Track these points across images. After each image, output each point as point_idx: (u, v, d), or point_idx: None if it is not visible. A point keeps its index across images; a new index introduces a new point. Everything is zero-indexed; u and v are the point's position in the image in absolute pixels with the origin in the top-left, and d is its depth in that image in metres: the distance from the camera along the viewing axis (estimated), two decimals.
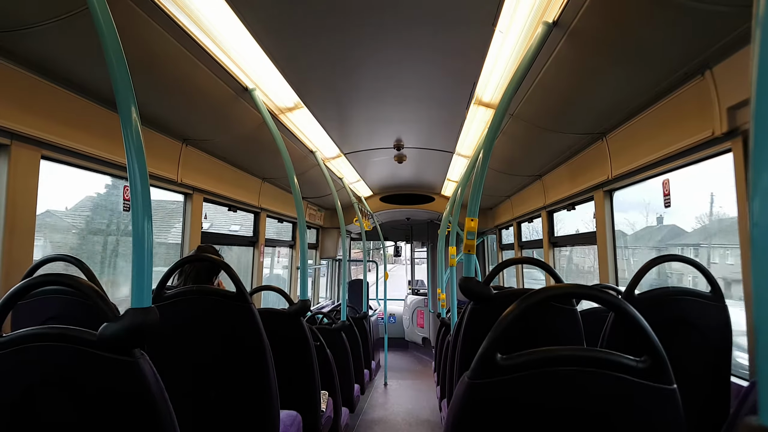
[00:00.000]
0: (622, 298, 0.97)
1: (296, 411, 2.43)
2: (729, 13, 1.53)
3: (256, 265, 4.51)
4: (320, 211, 6.60)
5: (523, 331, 1.65)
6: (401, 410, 5.36)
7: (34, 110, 1.94)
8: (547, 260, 4.35)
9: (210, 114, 2.68)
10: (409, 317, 9.44)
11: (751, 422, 0.41)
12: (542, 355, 0.94)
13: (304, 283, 2.80)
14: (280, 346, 2.24)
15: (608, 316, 1.87)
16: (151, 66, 2.00)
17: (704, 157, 2.15)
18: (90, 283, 1.10)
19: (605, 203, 3.13)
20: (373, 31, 2.08)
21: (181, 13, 1.76)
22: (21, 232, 1.92)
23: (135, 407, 1.04)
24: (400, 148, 4.28)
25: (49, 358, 1.03)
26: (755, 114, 0.41)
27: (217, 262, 2.02)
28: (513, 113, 2.81)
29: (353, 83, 2.73)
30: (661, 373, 0.91)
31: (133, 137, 1.14)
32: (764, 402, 0.41)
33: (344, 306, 4.48)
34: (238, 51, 2.12)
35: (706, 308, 1.85)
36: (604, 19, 1.68)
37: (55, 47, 1.78)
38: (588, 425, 0.92)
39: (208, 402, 1.88)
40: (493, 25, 1.94)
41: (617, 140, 2.79)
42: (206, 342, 1.88)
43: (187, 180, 3.08)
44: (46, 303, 1.82)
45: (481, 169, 2.02)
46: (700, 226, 3.07)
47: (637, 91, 2.24)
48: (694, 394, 1.72)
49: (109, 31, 1.17)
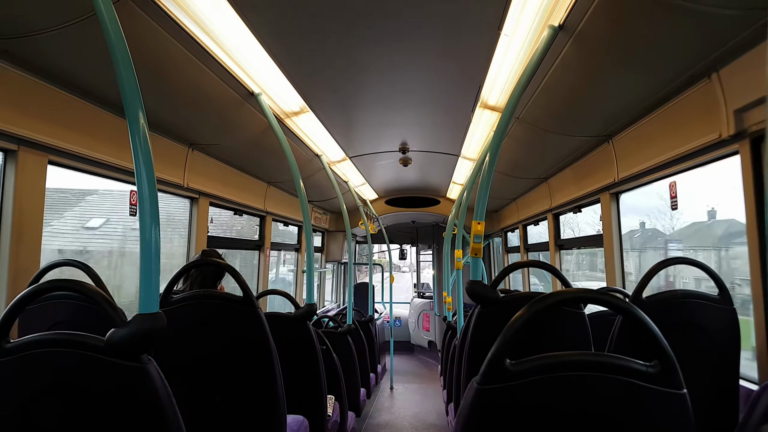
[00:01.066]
0: (630, 302, 0.96)
1: (303, 415, 2.43)
2: (735, 16, 1.52)
3: (261, 268, 4.52)
4: (325, 214, 6.61)
5: (530, 335, 1.65)
6: (407, 414, 5.35)
7: (42, 116, 1.95)
8: (554, 263, 4.33)
9: (216, 118, 2.69)
10: (414, 320, 9.42)
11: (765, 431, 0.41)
12: (552, 360, 0.93)
13: (311, 287, 2.80)
14: (286, 350, 2.24)
15: (616, 319, 1.86)
16: (157, 71, 2.01)
17: (711, 159, 2.14)
18: (97, 288, 1.10)
19: (612, 206, 3.12)
20: (378, 35, 2.08)
21: (187, 18, 1.77)
22: (28, 237, 1.93)
23: (143, 412, 1.04)
24: (405, 151, 4.29)
25: (57, 364, 1.04)
26: None
27: (223, 266, 2.02)
28: (519, 116, 2.81)
29: (358, 87, 2.73)
30: (671, 377, 0.90)
31: (141, 142, 1.15)
32: None
33: (350, 309, 4.48)
34: (244, 56, 2.13)
35: (714, 311, 1.84)
36: (609, 22, 1.68)
37: (63, 53, 1.79)
38: (598, 430, 0.92)
39: (215, 406, 1.89)
40: (499, 29, 1.94)
41: (623, 143, 2.78)
42: (213, 346, 1.89)
43: (194, 184, 3.10)
44: (54, 308, 1.82)
45: (487, 172, 2.01)
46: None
47: (644, 93, 2.23)
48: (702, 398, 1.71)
49: (116, 36, 1.18)
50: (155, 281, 1.15)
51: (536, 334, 1.64)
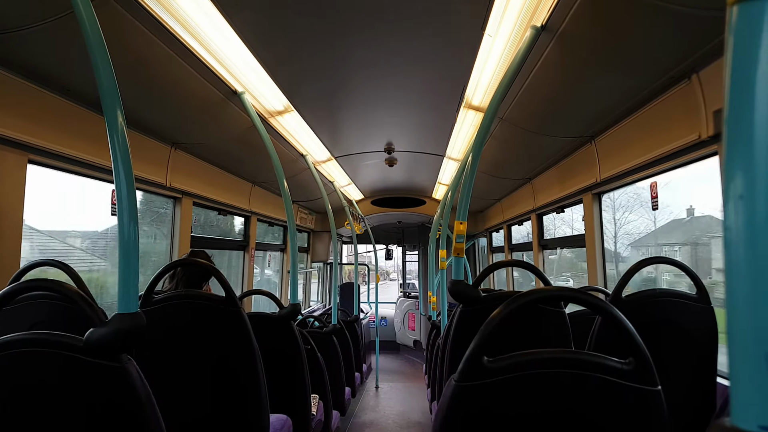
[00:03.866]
0: (608, 301, 0.98)
1: (286, 415, 2.42)
2: (715, 18, 1.54)
3: (246, 269, 4.49)
4: (311, 214, 6.59)
5: (511, 334, 1.66)
6: (392, 413, 5.36)
7: (21, 114, 1.91)
8: (537, 263, 4.37)
9: (199, 117, 2.67)
10: (400, 320, 9.44)
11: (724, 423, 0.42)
12: (528, 358, 0.94)
13: (295, 287, 2.80)
14: (270, 349, 2.23)
15: (596, 318, 1.88)
16: (138, 69, 1.98)
17: (691, 159, 2.18)
18: (76, 288, 1.09)
19: (594, 206, 3.16)
20: (362, 34, 2.08)
21: (168, 16, 1.75)
22: (7, 237, 1.90)
23: (122, 413, 1.03)
24: (390, 151, 4.29)
25: (34, 364, 1.02)
26: (728, 119, 0.43)
27: (206, 267, 2.01)
28: (502, 117, 2.83)
29: (343, 87, 2.73)
30: (645, 374, 0.91)
31: (119, 141, 1.13)
32: (735, 401, 0.41)
33: (335, 309, 4.47)
34: (227, 54, 2.11)
35: (692, 310, 1.87)
36: (591, 23, 1.70)
37: (42, 50, 1.76)
38: (574, 427, 0.93)
39: (197, 407, 1.87)
40: (482, 29, 1.95)
41: (606, 143, 2.82)
42: (195, 346, 1.87)
43: (177, 184, 3.06)
44: (35, 309, 1.79)
45: (470, 172, 2.02)
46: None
47: (625, 94, 2.26)
48: (680, 395, 1.74)
49: (94, 34, 1.16)
50: (134, 281, 1.13)
51: (517, 333, 1.65)
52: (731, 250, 0.42)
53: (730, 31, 0.43)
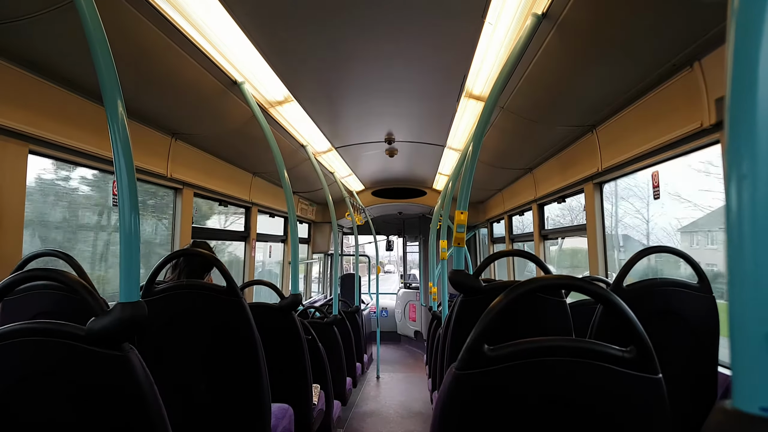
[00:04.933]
0: (609, 290, 0.97)
1: (288, 404, 2.43)
2: (716, 4, 1.53)
3: (247, 259, 4.50)
4: (312, 205, 6.58)
5: (512, 323, 1.66)
6: (393, 403, 5.40)
7: (21, 104, 1.91)
8: (538, 253, 4.37)
9: (199, 108, 2.66)
10: (401, 311, 9.47)
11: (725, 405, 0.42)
12: (528, 346, 0.94)
13: (296, 278, 2.81)
14: (271, 339, 2.24)
15: (597, 307, 1.88)
16: (138, 59, 1.98)
17: (693, 148, 2.17)
18: (78, 277, 1.09)
19: (595, 195, 3.15)
20: (362, 23, 2.07)
21: (168, 6, 1.74)
22: (9, 227, 1.90)
23: (124, 401, 1.04)
24: (391, 141, 4.28)
25: (37, 353, 1.02)
26: (730, 107, 0.43)
27: (207, 258, 2.01)
28: (503, 106, 2.81)
29: (343, 76, 2.71)
30: (646, 362, 0.91)
31: (120, 131, 1.13)
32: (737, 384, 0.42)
33: (336, 300, 4.48)
34: (227, 44, 2.10)
35: (694, 299, 1.87)
36: (592, 11, 1.68)
37: (42, 41, 1.76)
38: (574, 415, 0.93)
39: (199, 396, 1.88)
40: (483, 17, 1.94)
41: (607, 132, 2.81)
42: (197, 336, 1.88)
43: (177, 174, 3.06)
44: (36, 298, 1.80)
45: (470, 162, 2.02)
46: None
47: (627, 83, 2.25)
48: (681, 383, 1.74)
49: (94, 24, 1.16)
50: (135, 270, 1.14)
51: (518, 323, 1.66)
52: (733, 235, 0.42)
53: (732, 17, 0.43)
